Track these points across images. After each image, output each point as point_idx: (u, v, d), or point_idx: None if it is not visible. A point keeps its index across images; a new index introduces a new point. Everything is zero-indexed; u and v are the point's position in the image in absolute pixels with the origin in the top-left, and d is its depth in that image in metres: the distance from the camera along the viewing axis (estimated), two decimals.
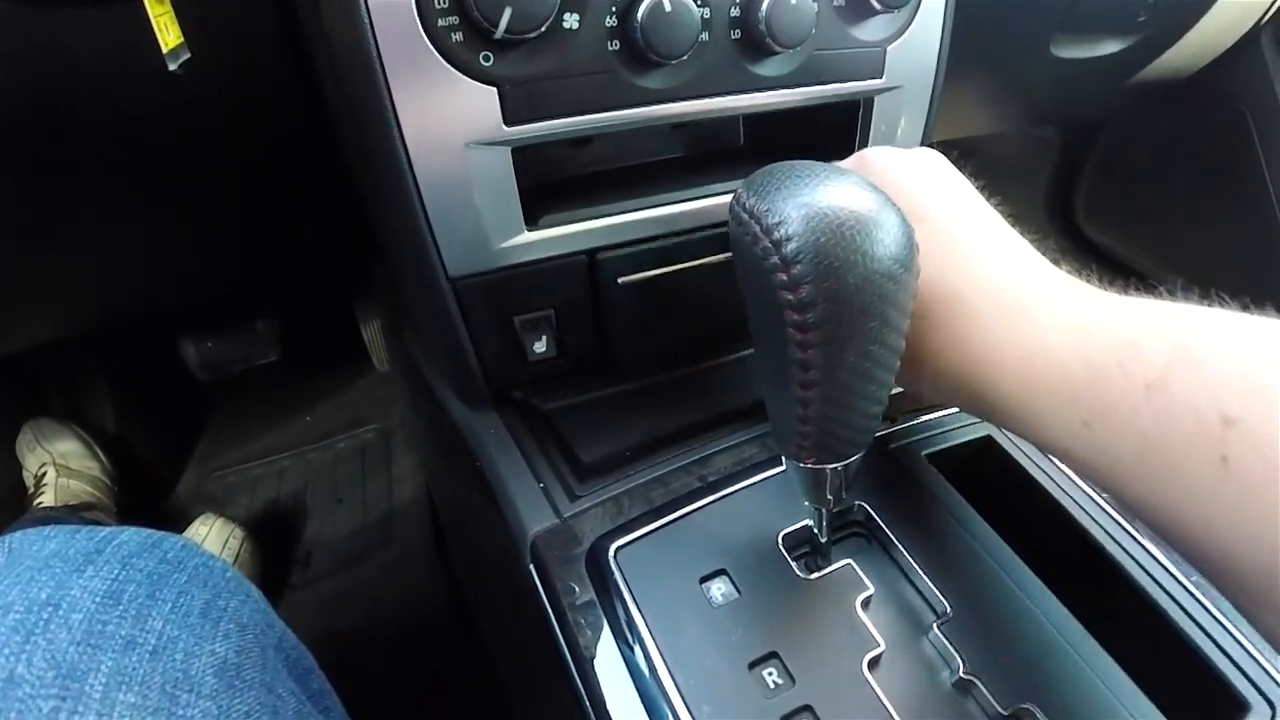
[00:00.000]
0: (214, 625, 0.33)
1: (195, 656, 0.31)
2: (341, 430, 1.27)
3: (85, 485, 1.02)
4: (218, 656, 0.31)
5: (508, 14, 0.36)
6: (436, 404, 0.59)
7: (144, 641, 0.30)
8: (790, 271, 0.26)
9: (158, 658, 0.29)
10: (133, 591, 0.31)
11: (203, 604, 0.33)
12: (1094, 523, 0.42)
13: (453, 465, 0.61)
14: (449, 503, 0.82)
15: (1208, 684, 0.37)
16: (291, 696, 0.34)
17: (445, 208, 0.42)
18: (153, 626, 0.30)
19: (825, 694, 0.33)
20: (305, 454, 1.23)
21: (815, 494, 0.34)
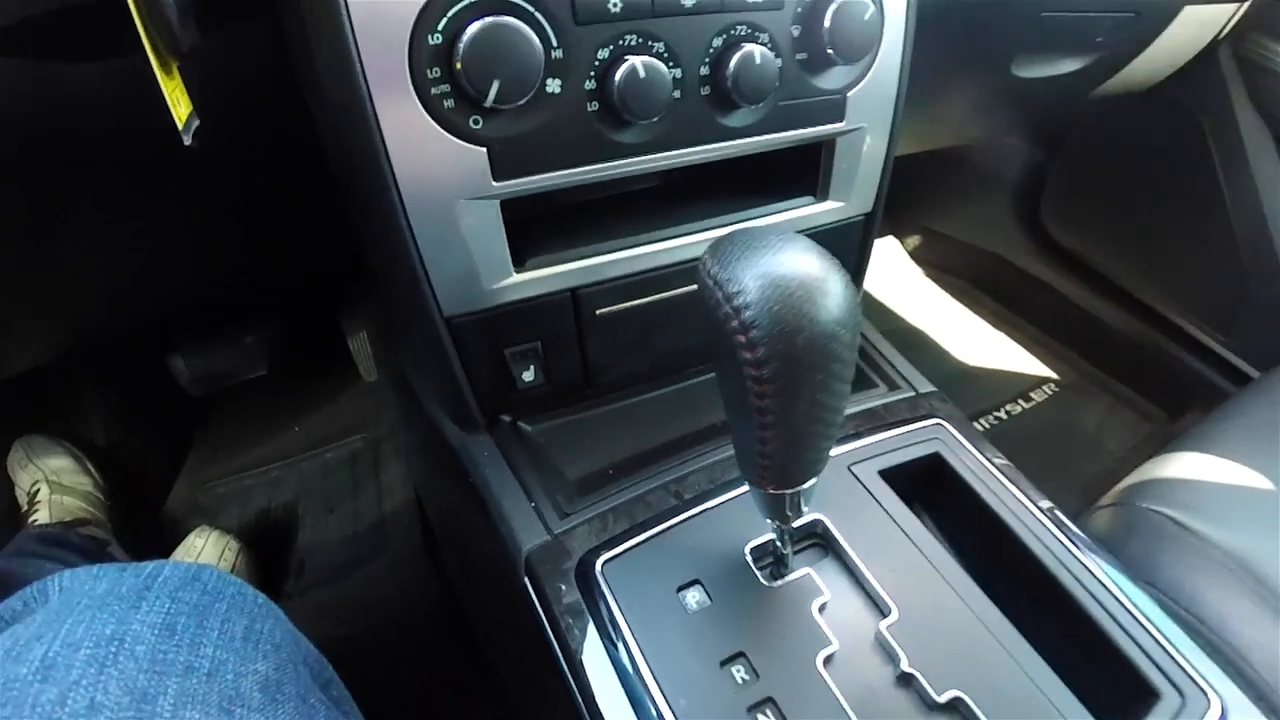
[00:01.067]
0: (255, 647, 0.38)
1: (243, 676, 0.36)
2: (331, 440, 1.31)
3: (79, 501, 1.06)
4: (260, 675, 0.37)
5: (496, 86, 0.40)
6: (430, 424, 0.64)
7: (199, 666, 0.35)
8: (748, 334, 0.31)
9: (213, 679, 0.35)
10: (184, 622, 0.37)
11: (243, 629, 0.38)
12: (1029, 532, 0.48)
13: (447, 481, 0.66)
14: (442, 514, 0.87)
15: (1125, 676, 0.44)
16: (320, 705, 0.39)
17: (439, 255, 0.47)
18: (205, 652, 0.36)
19: (786, 687, 0.39)
20: (296, 464, 1.28)
21: (776, 513, 0.40)
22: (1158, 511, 0.67)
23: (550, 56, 0.42)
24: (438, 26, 0.39)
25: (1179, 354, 1.35)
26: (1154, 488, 0.71)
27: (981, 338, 1.56)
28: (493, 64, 0.39)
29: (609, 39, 0.44)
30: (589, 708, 0.41)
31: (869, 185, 0.61)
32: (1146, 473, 0.75)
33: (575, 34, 0.43)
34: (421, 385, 0.65)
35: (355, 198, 0.51)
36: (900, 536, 0.46)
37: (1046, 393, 1.42)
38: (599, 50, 0.44)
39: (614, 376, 0.57)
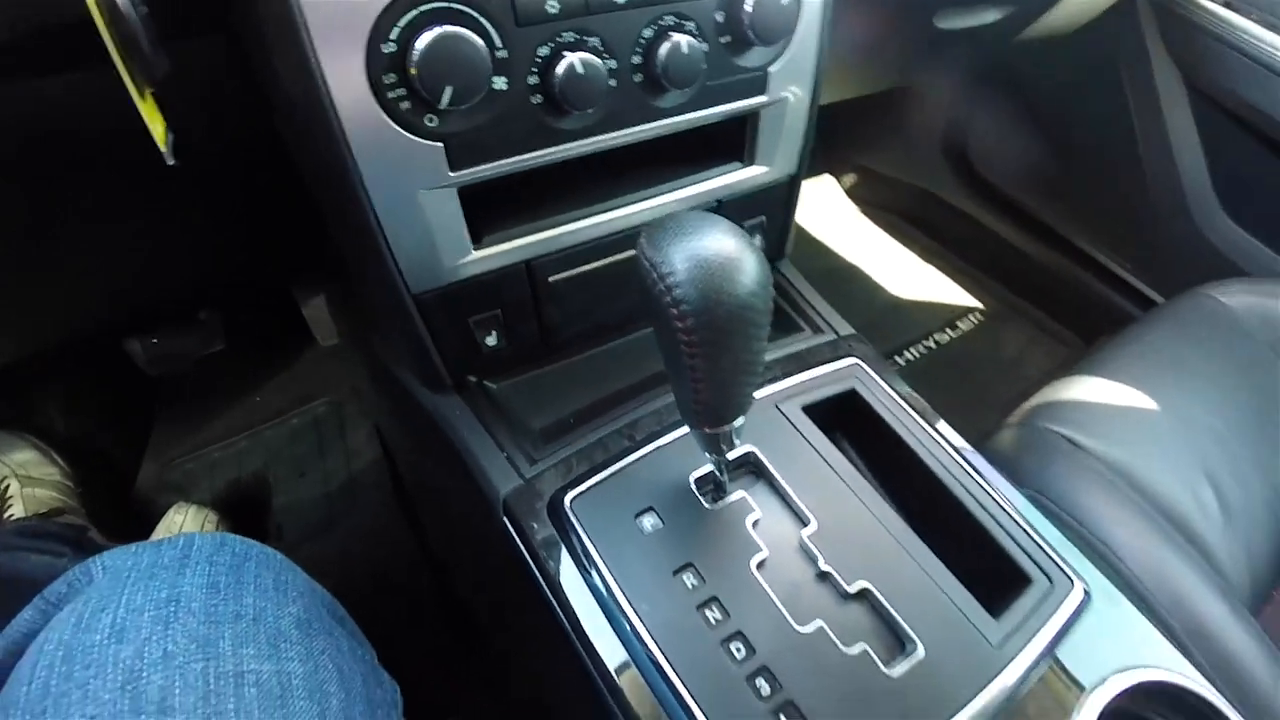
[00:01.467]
0: (285, 594, 0.45)
1: (281, 618, 0.43)
2: (293, 407, 1.36)
3: (50, 491, 1.09)
4: (294, 616, 0.44)
5: (449, 91, 0.46)
6: (402, 388, 0.70)
7: (245, 613, 0.42)
8: (679, 307, 0.39)
9: (258, 623, 0.42)
10: (225, 580, 0.43)
11: (273, 580, 0.45)
12: (928, 452, 0.58)
13: (422, 440, 0.73)
14: (417, 470, 0.94)
15: (1004, 567, 0.54)
16: (342, 636, 0.47)
17: (405, 240, 0.52)
18: (247, 602, 0.43)
19: (727, 588, 0.48)
20: (260, 433, 1.33)
21: (712, 448, 0.48)
22: (1053, 430, 0.78)
23: (495, 56, 0.47)
24: (391, 36, 0.44)
25: (1093, 283, 1.47)
26: (1053, 409, 0.82)
27: (912, 271, 1.67)
28: (444, 70, 0.45)
29: (548, 37, 0.49)
30: (569, 621, 0.50)
31: (792, 149, 0.68)
32: (1047, 395, 0.85)
33: (517, 35, 0.48)
34: (391, 354, 0.71)
35: (323, 193, 0.56)
36: (820, 462, 0.55)
37: (972, 322, 1.54)
38: (539, 48, 0.49)
39: (568, 336, 0.64)
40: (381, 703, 0.45)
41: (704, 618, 0.47)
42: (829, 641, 0.47)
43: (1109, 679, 0.49)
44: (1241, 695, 0.62)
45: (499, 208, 0.58)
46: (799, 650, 0.46)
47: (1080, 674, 0.50)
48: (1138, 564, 0.66)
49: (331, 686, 0.41)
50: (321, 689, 0.41)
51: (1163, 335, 0.95)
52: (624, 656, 0.47)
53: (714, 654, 0.46)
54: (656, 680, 0.45)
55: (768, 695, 0.45)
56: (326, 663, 0.43)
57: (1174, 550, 0.68)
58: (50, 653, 0.39)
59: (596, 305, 0.64)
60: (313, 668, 0.41)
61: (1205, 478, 0.79)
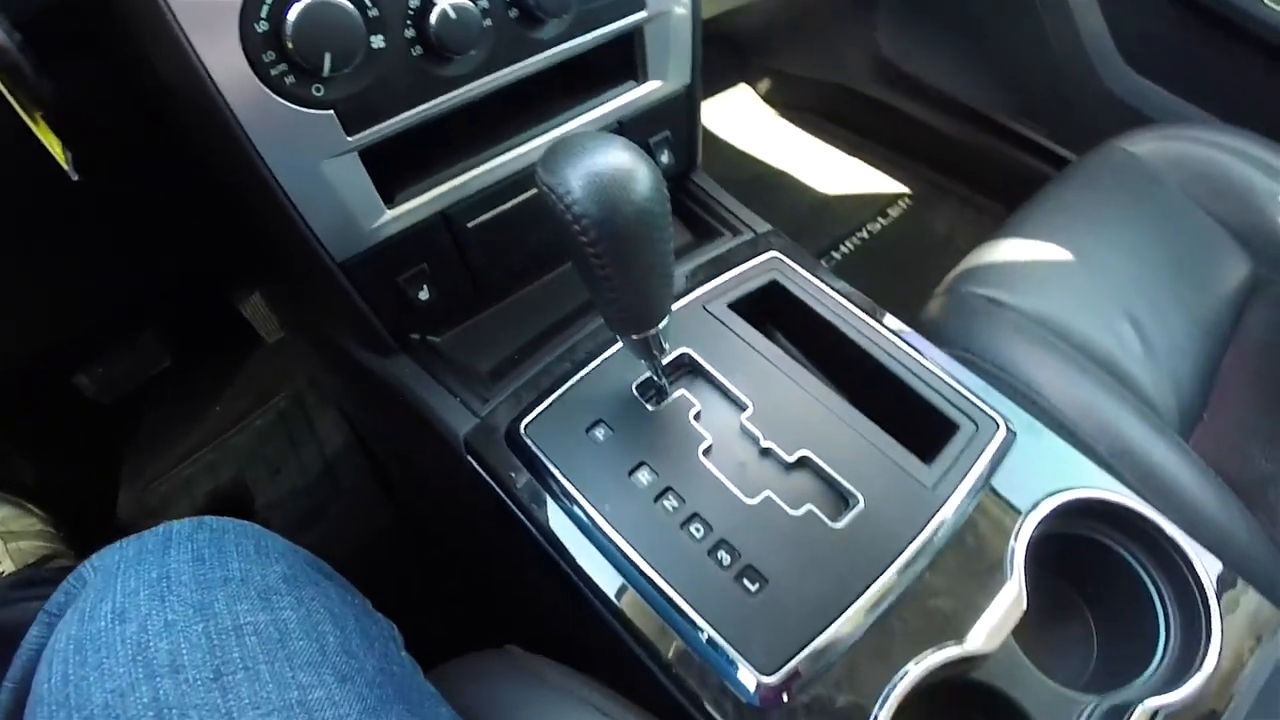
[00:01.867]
0: (267, 556, 0.48)
1: (267, 576, 0.46)
2: (255, 408, 1.37)
3: (35, 541, 1.09)
4: (279, 573, 0.47)
5: (328, 58, 0.47)
6: (353, 361, 0.72)
7: (233, 576, 0.45)
8: (580, 223, 0.42)
9: (246, 583, 0.45)
10: (209, 553, 0.46)
11: (254, 546, 0.48)
12: (850, 326, 0.62)
13: (380, 407, 0.76)
14: (385, 441, 0.97)
15: (933, 418, 0.59)
16: (330, 587, 0.50)
17: (318, 210, 0.54)
18: (233, 567, 0.46)
19: (679, 477, 0.53)
20: (228, 441, 1.34)
21: (646, 354, 0.52)
22: (975, 293, 0.83)
23: (368, 16, 0.49)
24: (261, 15, 0.45)
25: (1014, 153, 1.52)
26: (973, 274, 0.87)
27: (837, 167, 1.70)
28: (320, 38, 0.46)
29: None
30: (542, 533, 0.54)
31: (683, 61, 0.70)
32: (969, 262, 0.90)
33: None
34: (334, 328, 0.73)
35: (230, 182, 0.57)
36: (751, 352, 0.59)
37: (901, 207, 1.59)
38: (409, 1, 0.51)
39: (498, 278, 0.67)
40: (378, 636, 0.49)
41: (662, 507, 0.52)
42: (777, 508, 0.52)
43: (1040, 503, 0.55)
44: (1169, 504, 0.68)
45: (405, 164, 0.60)
46: (751, 520, 0.51)
47: (1012, 503, 0.55)
48: (1060, 399, 0.72)
49: (326, 626, 0.45)
50: (317, 629, 0.44)
51: (1075, 190, 1.00)
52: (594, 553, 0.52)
53: (675, 536, 0.50)
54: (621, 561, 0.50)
55: (728, 564, 0.49)
56: (318, 607, 0.46)
57: (1096, 383, 0.74)
58: (62, 650, 0.43)
59: (518, 243, 0.67)
60: (305, 613, 0.45)
61: (1125, 317, 0.84)
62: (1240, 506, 0.70)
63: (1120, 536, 0.56)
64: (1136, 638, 0.54)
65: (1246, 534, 0.68)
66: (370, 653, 0.46)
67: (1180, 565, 0.54)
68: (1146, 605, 0.55)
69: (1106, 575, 0.57)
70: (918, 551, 0.51)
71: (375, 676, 0.44)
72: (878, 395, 0.59)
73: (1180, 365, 0.82)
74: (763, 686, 0.46)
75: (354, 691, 0.42)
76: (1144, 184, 1.00)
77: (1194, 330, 0.86)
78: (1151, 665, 0.52)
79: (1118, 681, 0.52)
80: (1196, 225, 0.96)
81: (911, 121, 1.62)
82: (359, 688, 0.43)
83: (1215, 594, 0.52)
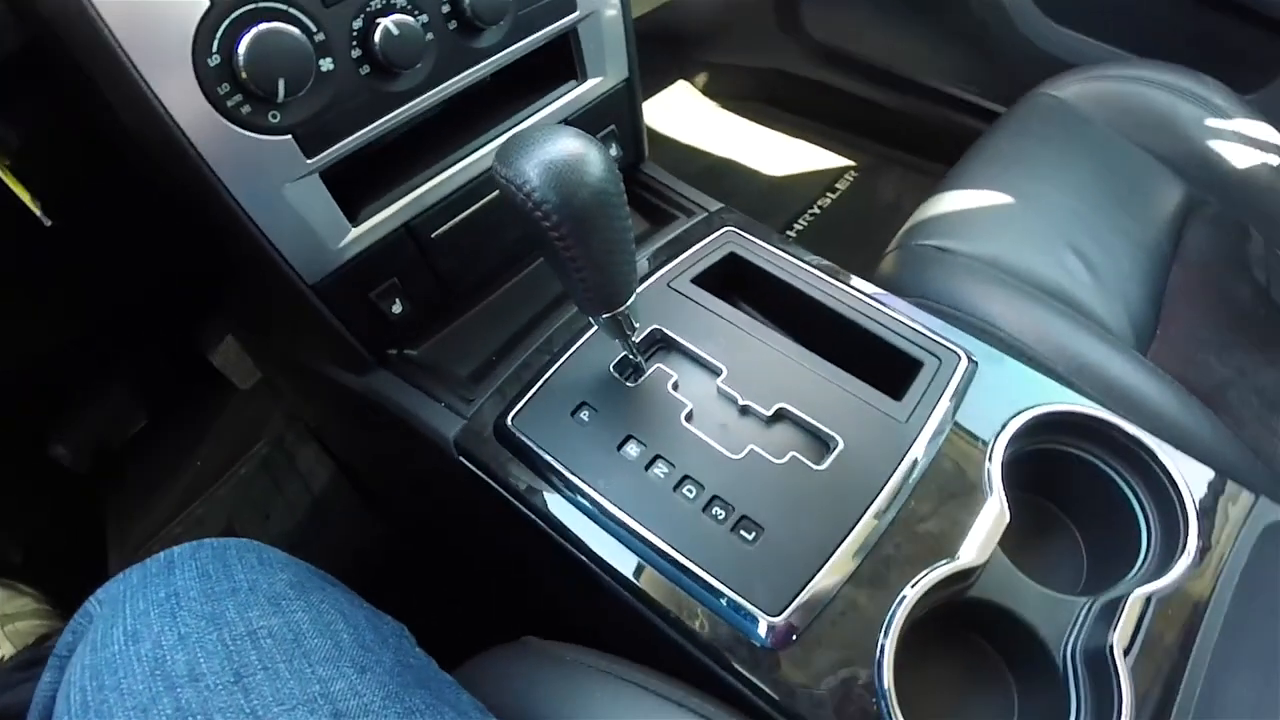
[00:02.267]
0: (271, 567, 0.50)
1: (275, 583, 0.47)
2: (236, 457, 1.37)
3: (31, 621, 1.08)
4: (285, 580, 0.48)
5: (282, 84, 0.50)
6: (333, 384, 0.74)
7: (240, 586, 0.46)
8: (541, 209, 0.44)
9: (254, 591, 0.46)
10: (213, 568, 0.48)
11: (256, 558, 0.50)
12: (807, 284, 0.65)
13: (365, 427, 0.78)
14: (370, 462, 0.98)
15: (899, 359, 0.62)
16: (336, 591, 0.52)
17: (285, 234, 0.56)
18: (239, 578, 0.47)
19: (666, 443, 0.55)
20: (214, 495, 1.34)
21: (618, 333, 0.55)
22: (924, 245, 0.87)
23: (315, 41, 0.51)
24: (212, 49, 0.47)
25: (948, 114, 1.58)
26: (921, 228, 0.91)
27: (782, 149, 1.75)
28: (272, 66, 0.48)
29: (357, 10, 0.53)
30: (541, 517, 0.56)
31: (619, 56, 0.74)
32: (916, 218, 0.94)
33: (328, 15, 0.51)
34: (310, 353, 0.75)
35: (197, 213, 0.59)
36: (719, 320, 0.63)
37: (849, 180, 1.64)
38: (353, 22, 0.53)
39: (468, 284, 0.69)
40: (391, 633, 0.50)
41: (654, 474, 0.54)
42: (762, 459, 0.55)
43: (1008, 423, 0.58)
44: (1133, 412, 0.72)
45: (366, 181, 0.62)
46: (739, 474, 0.54)
47: (983, 427, 0.58)
48: (1016, 328, 0.76)
49: (339, 625, 0.46)
50: (330, 628, 0.46)
51: (1008, 139, 1.05)
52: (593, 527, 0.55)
53: (669, 499, 0.53)
54: (619, 531, 0.53)
55: (724, 518, 0.52)
56: (328, 609, 0.47)
57: (1049, 310, 0.78)
58: (79, 680, 0.43)
59: (483, 247, 0.69)
60: (316, 614, 0.46)
61: (1070, 250, 0.89)
62: (1202, 407, 0.74)
63: (1090, 446, 0.60)
64: (1120, 539, 0.58)
65: (1211, 430, 0.72)
66: (385, 647, 0.48)
67: (1149, 463, 0.57)
68: (1124, 507, 0.58)
69: (1083, 485, 0.60)
70: (900, 481, 0.54)
71: (393, 667, 0.46)
72: (843, 346, 0.63)
73: (1128, 288, 0.87)
74: (772, 628, 0.49)
75: (374, 680, 0.43)
76: (1073, 125, 1.05)
77: (1137, 254, 0.90)
78: (1138, 561, 0.56)
79: (1109, 582, 0.56)
80: (1127, 157, 1.01)
81: (848, 97, 1.67)
82: (379, 676, 0.44)
83: (1186, 485, 0.55)
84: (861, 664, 0.49)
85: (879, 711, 0.47)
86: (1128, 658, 0.48)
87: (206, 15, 0.46)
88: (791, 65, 1.72)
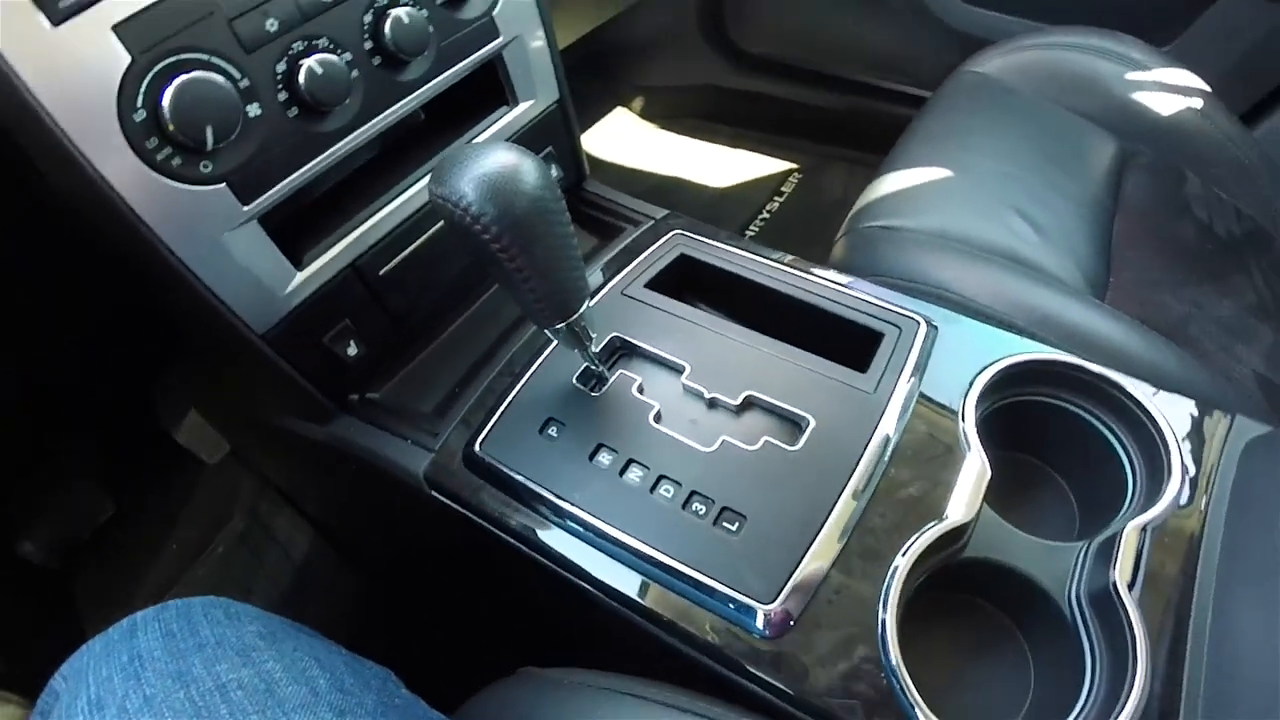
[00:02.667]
0: (238, 620, 0.48)
1: (243, 636, 0.46)
2: (212, 535, 1.34)
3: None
4: (255, 632, 0.47)
5: (209, 131, 0.50)
6: (297, 437, 0.73)
7: (207, 642, 0.45)
8: (480, 222, 0.44)
9: (222, 645, 0.45)
10: (177, 626, 0.46)
11: (223, 613, 0.48)
12: (760, 274, 0.66)
13: (337, 478, 0.77)
14: (348, 515, 0.97)
15: (860, 334, 0.63)
16: (314, 640, 0.50)
17: (229, 284, 0.55)
18: (205, 634, 0.46)
19: (637, 447, 0.55)
20: (192, 576, 1.30)
21: (577, 344, 0.55)
22: (870, 226, 0.88)
23: (240, 88, 0.51)
24: (137, 104, 0.47)
25: (882, 106, 1.62)
26: (865, 211, 0.92)
27: (726, 161, 1.79)
28: (198, 115, 0.48)
29: (280, 54, 0.53)
30: (520, 540, 0.55)
31: (547, 78, 0.75)
32: (860, 203, 0.96)
33: (250, 61, 0.52)
34: (272, 409, 0.74)
35: (137, 274, 0.58)
36: (676, 319, 0.63)
37: (794, 183, 1.67)
38: (276, 65, 0.53)
39: (420, 319, 0.69)
40: (373, 677, 0.49)
41: (629, 479, 0.54)
42: (736, 448, 0.55)
43: (975, 379, 0.59)
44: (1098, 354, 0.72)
45: (307, 225, 0.62)
46: (715, 466, 0.54)
47: (952, 387, 0.59)
48: (971, 290, 0.77)
49: (314, 671, 0.45)
50: (304, 674, 0.44)
51: (938, 116, 1.08)
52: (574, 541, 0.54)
53: (647, 501, 0.53)
54: (601, 541, 0.53)
55: (704, 513, 0.52)
56: (301, 656, 0.46)
57: (1002, 269, 0.80)
58: None
59: (433, 280, 0.69)
60: (289, 663, 0.45)
61: (1014, 212, 0.90)
62: (1166, 341, 0.75)
63: (1061, 393, 0.60)
64: (1106, 480, 0.58)
65: (1178, 362, 0.74)
66: (367, 690, 0.46)
67: (1122, 400, 0.57)
68: (1105, 447, 0.59)
69: (1061, 433, 0.61)
70: (876, 452, 0.54)
71: (375, 708, 0.44)
72: (803, 330, 0.63)
73: (1076, 243, 0.88)
74: (769, 616, 0.48)
75: None
76: (999, 96, 1.08)
77: (1080, 210, 0.92)
78: (1127, 498, 0.56)
79: (1102, 524, 0.55)
80: (1057, 120, 1.04)
81: (783, 102, 1.71)
82: (360, 718, 0.43)
83: (1163, 415, 0.56)
84: (866, 641, 0.48)
85: (890, 687, 0.47)
86: (1133, 592, 0.48)
87: (129, 71, 0.46)
88: (723, 79, 1.75)
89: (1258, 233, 0.97)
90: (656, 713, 0.49)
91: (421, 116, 0.74)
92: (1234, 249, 0.93)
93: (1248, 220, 0.97)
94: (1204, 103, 1.06)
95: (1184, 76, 1.07)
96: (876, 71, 1.59)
